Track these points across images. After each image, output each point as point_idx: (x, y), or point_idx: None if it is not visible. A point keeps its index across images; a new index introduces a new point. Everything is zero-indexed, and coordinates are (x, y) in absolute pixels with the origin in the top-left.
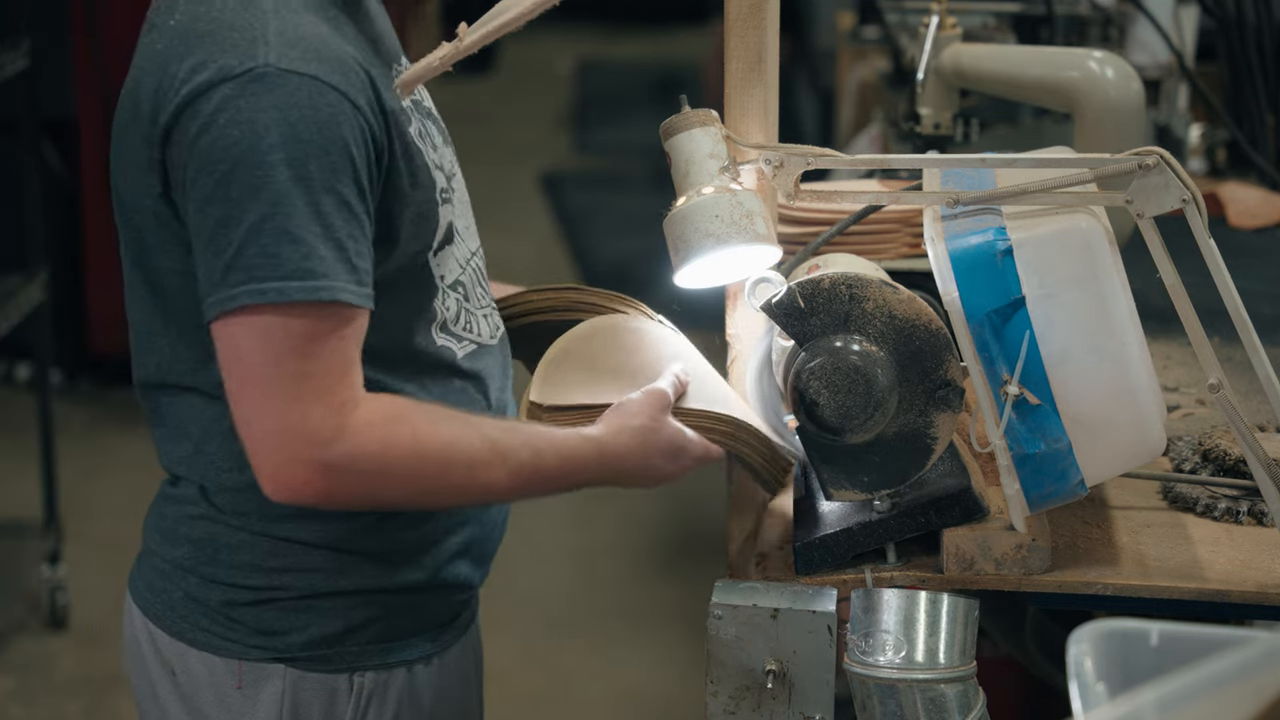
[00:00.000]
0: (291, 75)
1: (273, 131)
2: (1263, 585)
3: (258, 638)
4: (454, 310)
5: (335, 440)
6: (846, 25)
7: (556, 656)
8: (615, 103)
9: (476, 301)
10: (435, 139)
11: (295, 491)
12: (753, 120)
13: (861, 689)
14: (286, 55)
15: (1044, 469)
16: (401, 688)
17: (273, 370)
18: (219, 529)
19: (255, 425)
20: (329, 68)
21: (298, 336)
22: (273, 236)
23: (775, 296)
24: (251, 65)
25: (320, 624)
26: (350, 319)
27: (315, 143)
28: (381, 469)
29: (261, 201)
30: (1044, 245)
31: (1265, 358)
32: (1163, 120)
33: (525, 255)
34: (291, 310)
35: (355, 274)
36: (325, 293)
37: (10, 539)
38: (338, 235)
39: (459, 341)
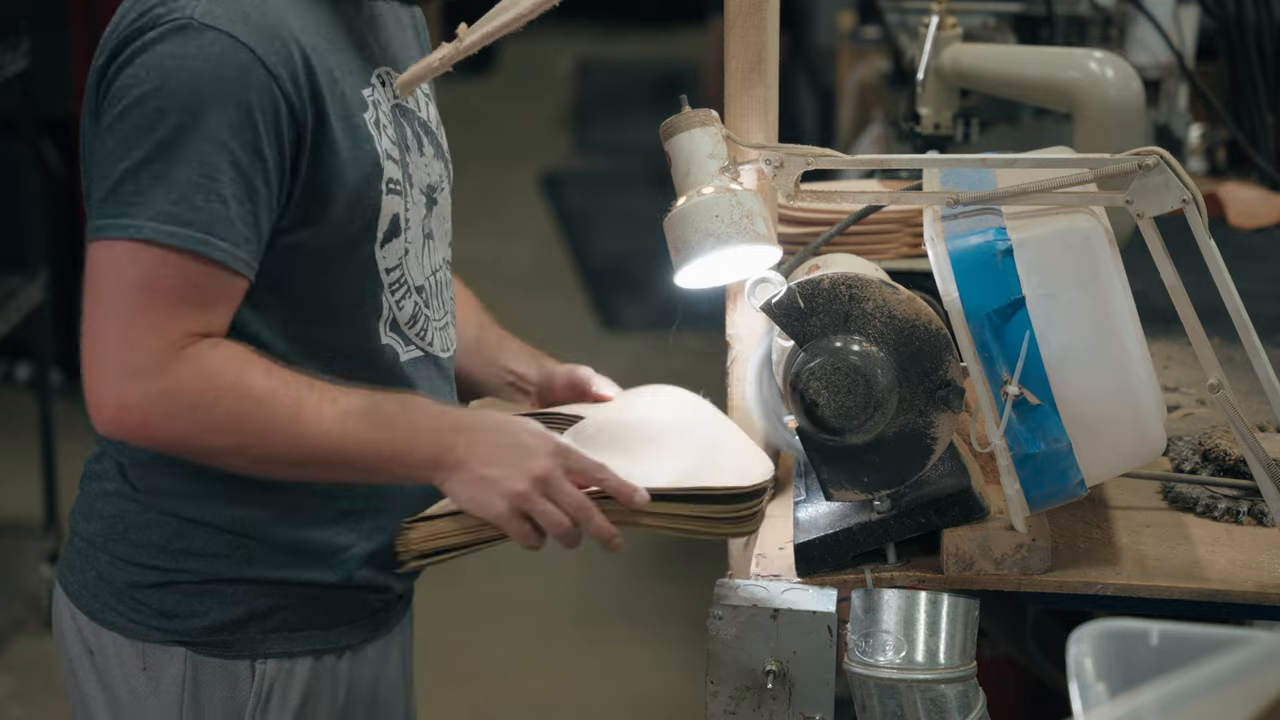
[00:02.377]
0: (209, 30)
1: (175, 79)
2: (1263, 585)
3: (160, 620)
4: (409, 312)
5: (157, 373)
6: (846, 25)
7: (558, 657)
8: (615, 103)
9: (436, 311)
10: (414, 144)
11: (112, 420)
12: (753, 120)
13: (861, 689)
14: (212, 12)
15: (1044, 469)
16: (307, 678)
17: (115, 300)
18: (130, 507)
19: (89, 350)
20: (251, 29)
21: (147, 272)
22: (150, 178)
23: (775, 296)
24: (176, 16)
25: (222, 609)
26: (209, 271)
27: (215, 98)
28: (199, 405)
29: (148, 142)
30: (1044, 245)
31: (1265, 358)
32: (1163, 120)
33: (525, 255)
34: (151, 249)
35: (232, 233)
36: (181, 240)
37: (10, 539)
38: (220, 190)
39: (406, 344)
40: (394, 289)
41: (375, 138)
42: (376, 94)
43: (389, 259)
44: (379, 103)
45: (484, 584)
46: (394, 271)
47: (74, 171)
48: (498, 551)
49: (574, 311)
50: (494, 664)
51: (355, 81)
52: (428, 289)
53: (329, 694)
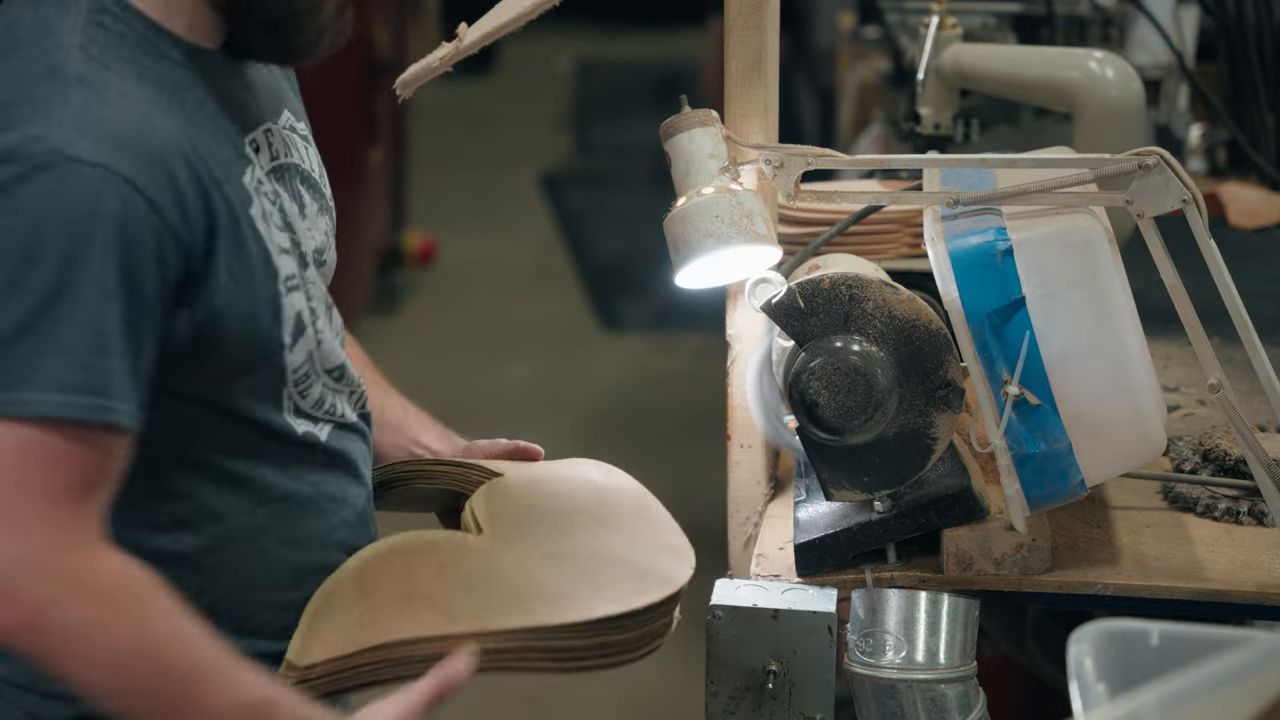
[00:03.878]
0: (80, 165)
1: (50, 226)
2: (1263, 585)
3: None
4: (315, 396)
5: (52, 577)
6: (847, 25)
7: None
8: (615, 103)
9: (348, 381)
10: (294, 209)
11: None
12: (753, 120)
13: (861, 689)
14: (77, 143)
15: (1044, 469)
16: None
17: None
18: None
19: None
20: (127, 158)
21: (36, 451)
22: (33, 344)
23: (775, 297)
24: (38, 150)
25: None
26: (110, 443)
27: (94, 242)
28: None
29: (27, 301)
30: (1044, 245)
31: (1265, 358)
32: (1163, 120)
33: (525, 255)
34: (38, 424)
35: (130, 391)
36: (85, 411)
37: None
38: (110, 345)
39: (317, 424)
40: (299, 383)
41: (265, 234)
42: (256, 170)
43: (297, 358)
44: (259, 184)
45: None
46: (302, 368)
47: None
48: None
49: (574, 311)
50: None
51: (235, 171)
52: (335, 367)
53: None
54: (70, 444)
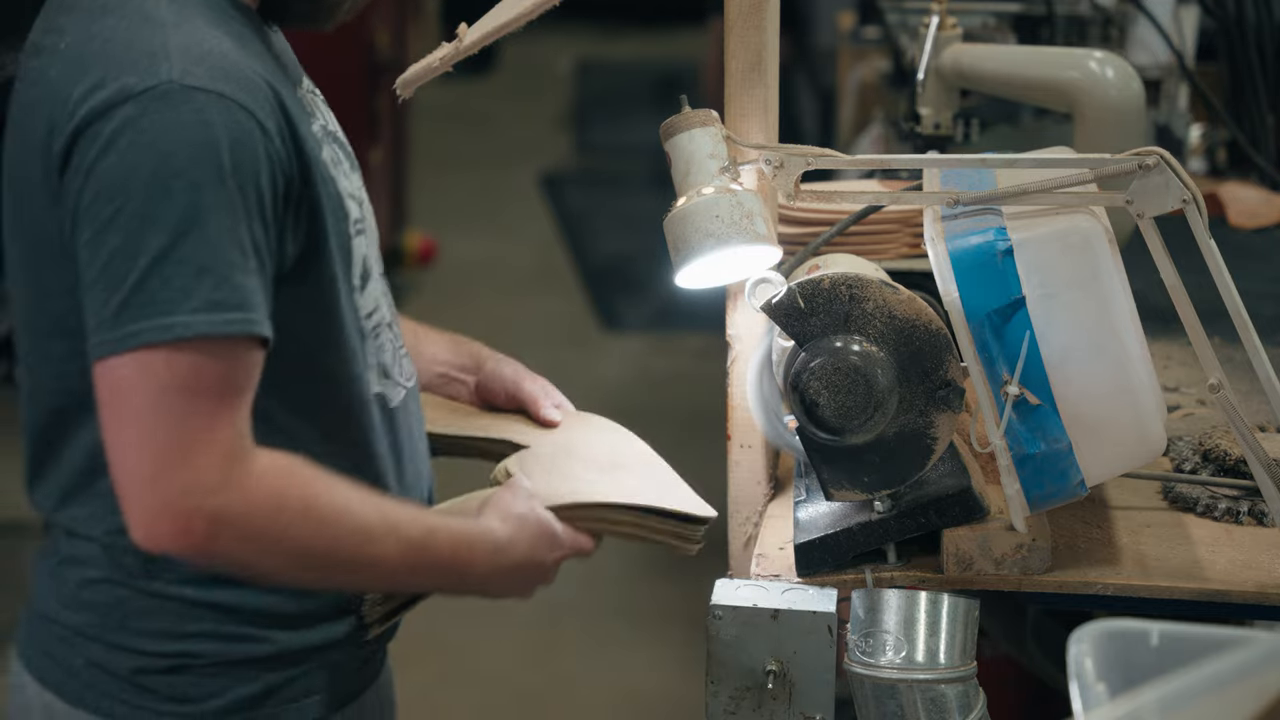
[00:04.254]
0: (198, 92)
1: (178, 153)
2: (1263, 585)
3: (171, 705)
4: (389, 352)
5: (220, 490)
6: (847, 25)
7: (556, 656)
8: (615, 103)
9: (393, 341)
10: (344, 165)
11: (172, 542)
12: (753, 120)
13: (861, 689)
14: (191, 71)
15: (1044, 469)
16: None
17: (158, 409)
18: (126, 593)
19: (131, 465)
20: (236, 85)
21: (192, 374)
22: (177, 267)
23: (775, 297)
24: (154, 83)
25: (238, 687)
26: (254, 358)
27: (225, 165)
28: (270, 529)
29: (166, 230)
30: (1044, 245)
31: (1265, 358)
32: (1163, 120)
33: (525, 255)
34: (191, 347)
35: (262, 304)
36: (237, 325)
37: (10, 539)
38: (249, 265)
39: (395, 388)
40: (376, 333)
41: (335, 178)
42: (315, 121)
43: (367, 304)
44: (320, 134)
45: None
46: (374, 315)
47: None
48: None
49: (574, 311)
50: (494, 664)
51: (305, 117)
52: (394, 320)
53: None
54: (221, 360)
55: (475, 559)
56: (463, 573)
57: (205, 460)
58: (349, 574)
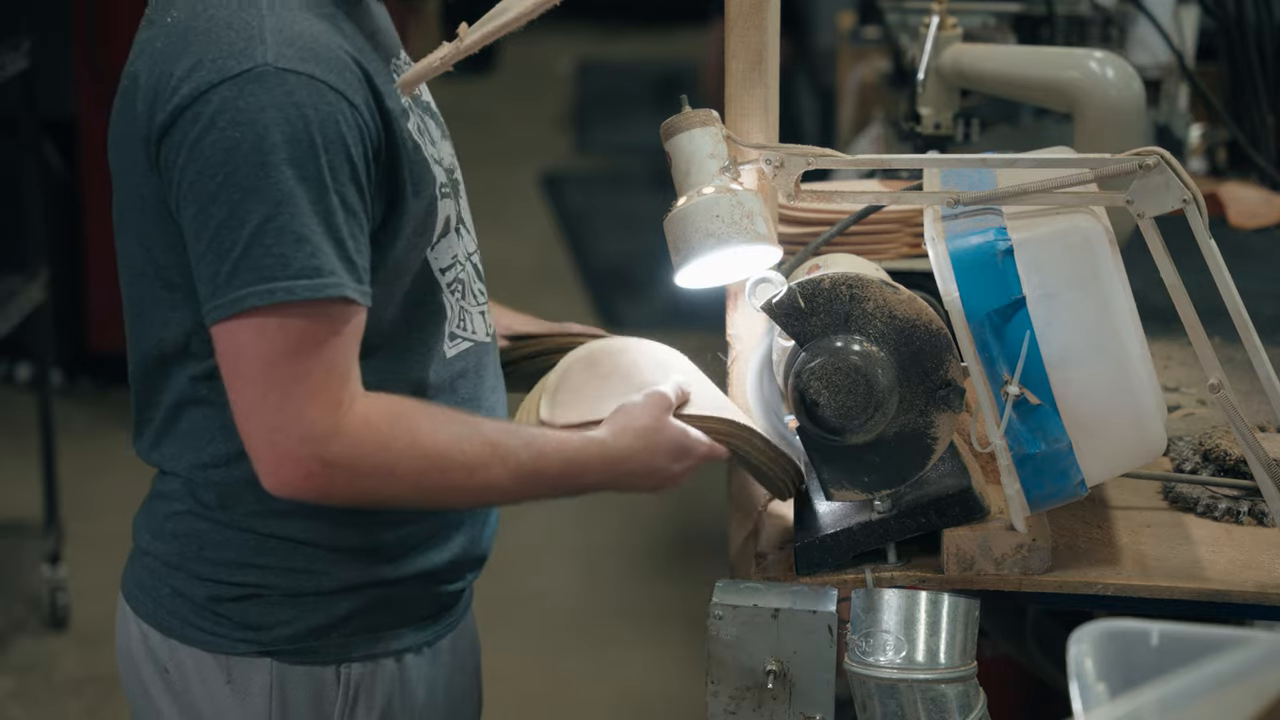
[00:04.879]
0: (289, 74)
1: (273, 132)
2: (1263, 585)
3: (244, 632)
4: (455, 309)
5: (332, 437)
6: (847, 25)
7: (556, 656)
8: (615, 103)
9: (474, 299)
10: (434, 134)
11: (295, 487)
12: (753, 120)
13: (862, 689)
14: (284, 54)
15: (1044, 469)
16: (391, 678)
17: (272, 368)
18: (204, 525)
19: (254, 422)
20: (326, 67)
21: (297, 335)
22: (277, 236)
23: (776, 296)
24: (250, 65)
25: (306, 618)
26: (350, 316)
27: (315, 142)
28: (380, 467)
29: (265, 202)
30: (1044, 245)
31: (1265, 358)
32: (1163, 120)
33: (525, 255)
34: (294, 309)
35: (355, 271)
36: (332, 289)
37: (10, 539)
38: (339, 234)
39: (453, 340)
40: (453, 289)
41: (421, 145)
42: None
43: (442, 259)
44: (409, 105)
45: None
46: (450, 271)
47: (74, 171)
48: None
49: (574, 311)
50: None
51: (393, 90)
52: (464, 280)
53: (412, 692)
54: (322, 320)
55: (588, 472)
56: (577, 484)
57: (315, 412)
58: (463, 498)
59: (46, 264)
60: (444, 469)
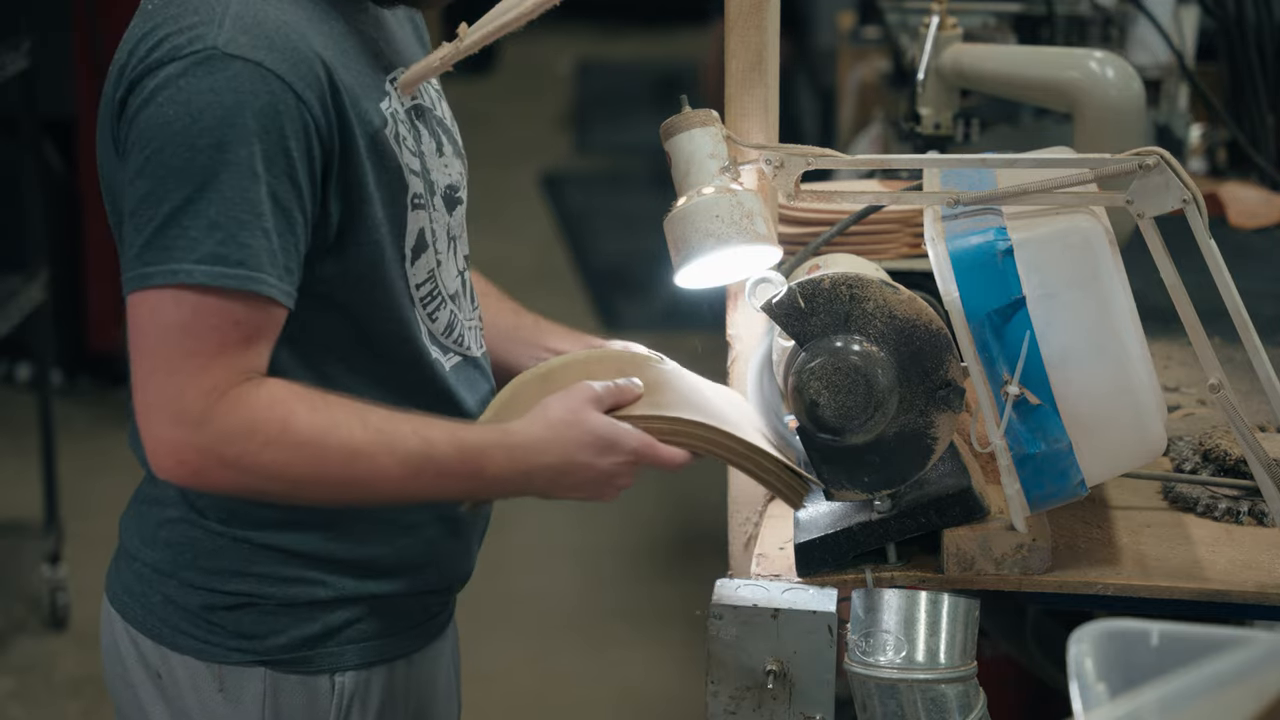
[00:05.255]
0: (236, 60)
1: (206, 114)
2: (1263, 585)
3: (238, 640)
4: (444, 322)
5: (203, 423)
6: (847, 25)
7: (556, 656)
8: (615, 103)
9: (467, 312)
10: (427, 146)
11: (169, 470)
12: (753, 120)
13: (862, 689)
14: (236, 40)
15: (1044, 469)
16: (384, 686)
17: (161, 347)
18: (198, 534)
19: (138, 398)
20: (279, 57)
21: (191, 318)
22: (193, 219)
23: (776, 296)
24: (200, 47)
25: (299, 627)
26: (256, 309)
27: (249, 129)
28: (247, 453)
29: (187, 184)
30: (1044, 245)
31: (1265, 358)
32: (1163, 120)
33: (525, 256)
34: (194, 293)
35: (275, 266)
36: (233, 280)
37: (10, 539)
38: (264, 224)
39: (446, 353)
40: (426, 302)
41: (397, 153)
42: (393, 103)
43: (419, 274)
44: (395, 112)
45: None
46: (425, 285)
47: (74, 171)
48: (497, 552)
49: (574, 311)
50: (493, 664)
51: (373, 95)
52: (459, 293)
53: (401, 700)
54: (223, 310)
55: (488, 462)
56: (477, 474)
57: (192, 396)
58: (346, 490)
59: (46, 264)
60: (318, 457)
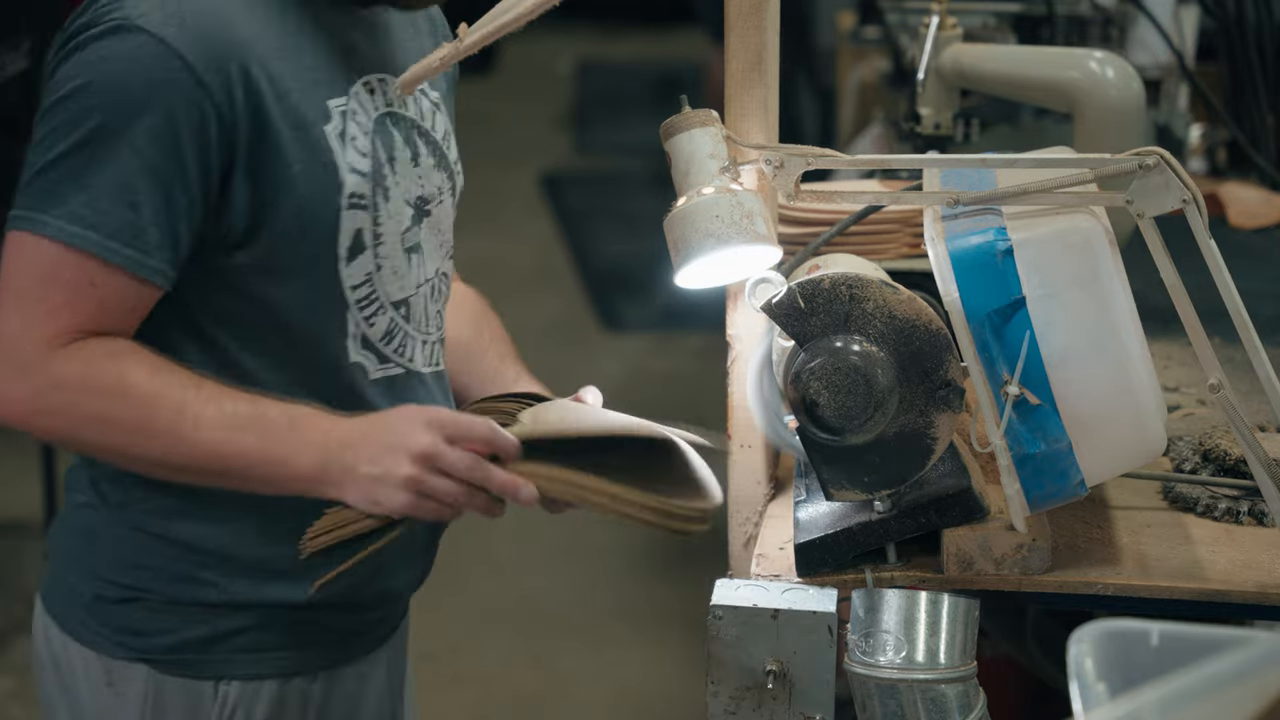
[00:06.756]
0: (142, 34)
1: (100, 80)
2: (1263, 585)
3: (124, 636)
4: (382, 329)
5: (39, 367)
6: (847, 25)
7: (556, 656)
8: (615, 103)
9: (420, 325)
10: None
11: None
12: (753, 120)
13: (862, 689)
14: (149, 15)
15: (1044, 469)
16: (272, 700)
17: (17, 286)
18: (98, 521)
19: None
20: (186, 34)
21: (47, 267)
22: (63, 175)
23: (775, 297)
24: (119, 18)
25: (186, 628)
26: (111, 276)
27: (138, 103)
28: (75, 402)
29: (67, 140)
30: (1044, 245)
31: (1265, 358)
32: (1163, 120)
33: (525, 256)
34: (52, 245)
35: (139, 239)
36: (82, 242)
37: (10, 539)
38: (133, 197)
39: (381, 361)
40: (363, 305)
41: (336, 150)
42: (353, 103)
43: (354, 276)
44: (353, 112)
45: (483, 584)
46: (361, 288)
47: None
48: (497, 552)
49: (574, 311)
50: (493, 664)
51: (319, 91)
52: (411, 304)
53: (296, 717)
54: (76, 269)
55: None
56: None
57: (34, 339)
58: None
59: None
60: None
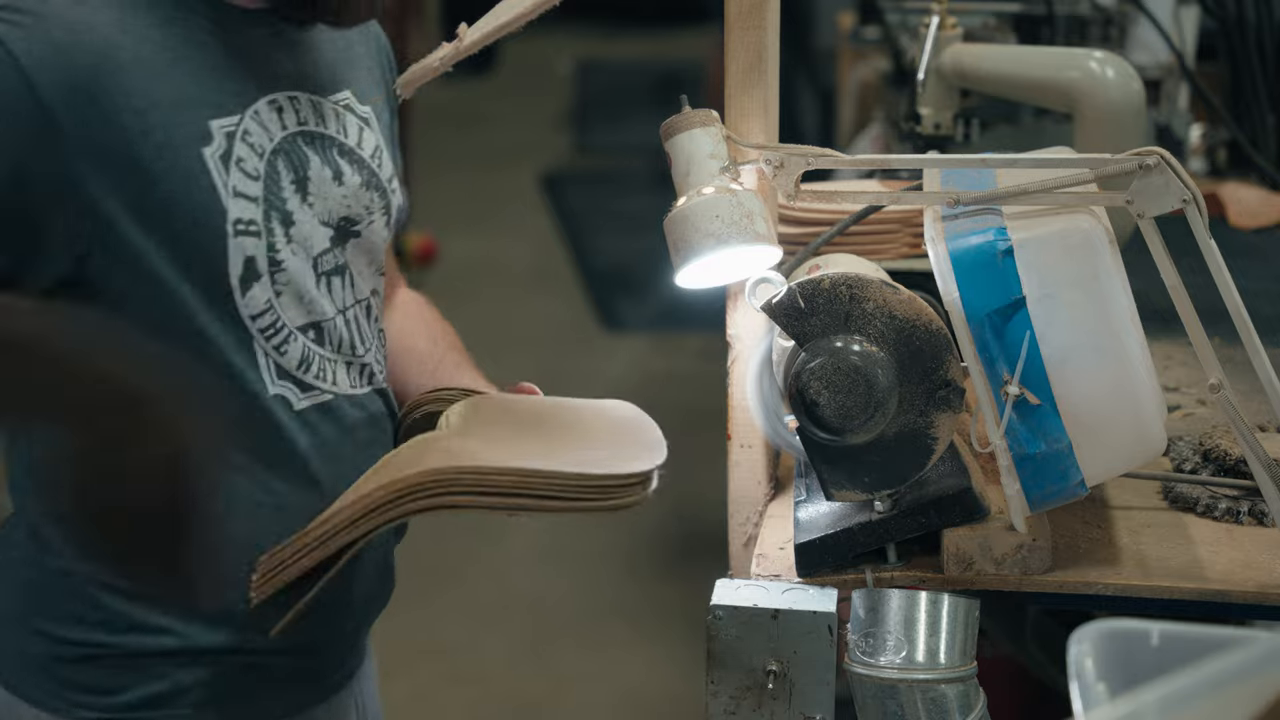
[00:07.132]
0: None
1: None
2: (1263, 585)
3: (84, 695)
4: (296, 355)
5: None
6: (847, 25)
7: (556, 657)
8: (615, 103)
9: (340, 348)
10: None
11: None
12: (753, 120)
13: (862, 689)
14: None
15: (1044, 469)
16: None
17: None
18: (45, 577)
19: None
20: (23, 34)
21: None
22: None
23: (775, 297)
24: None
25: (147, 684)
26: None
27: None
28: None
29: None
30: (1045, 245)
31: (1266, 358)
32: (1163, 120)
33: (524, 255)
34: None
35: None
36: None
37: None
38: None
39: (303, 390)
40: (268, 335)
41: (215, 172)
42: (248, 122)
43: (252, 305)
44: (245, 133)
45: (484, 584)
46: (263, 317)
47: None
48: (497, 552)
49: (574, 311)
50: (493, 664)
51: (200, 111)
52: (329, 328)
53: None
54: None
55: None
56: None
57: None
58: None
59: None
60: None
